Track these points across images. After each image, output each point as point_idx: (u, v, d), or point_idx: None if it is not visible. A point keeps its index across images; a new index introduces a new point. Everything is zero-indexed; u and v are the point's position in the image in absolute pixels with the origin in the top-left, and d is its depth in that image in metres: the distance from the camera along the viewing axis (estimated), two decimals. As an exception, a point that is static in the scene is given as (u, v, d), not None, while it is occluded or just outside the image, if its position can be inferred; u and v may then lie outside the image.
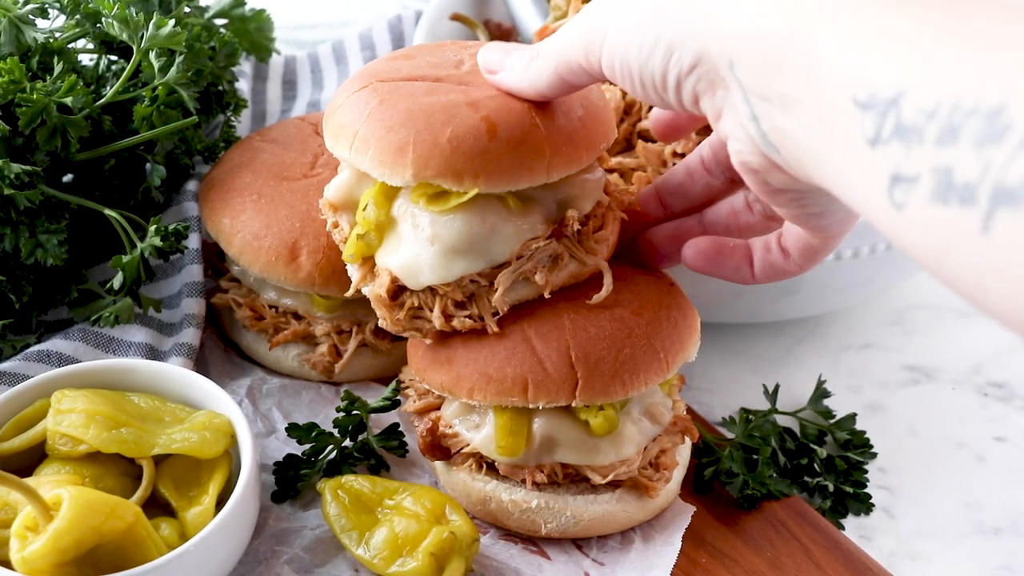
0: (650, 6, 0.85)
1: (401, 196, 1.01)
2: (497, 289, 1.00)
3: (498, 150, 0.94)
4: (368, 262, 1.03)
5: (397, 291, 1.01)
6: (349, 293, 1.06)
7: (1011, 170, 0.58)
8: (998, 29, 0.62)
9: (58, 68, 1.26)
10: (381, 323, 1.03)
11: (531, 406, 1.06)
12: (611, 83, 0.98)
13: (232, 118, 1.47)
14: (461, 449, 1.12)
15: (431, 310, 1.02)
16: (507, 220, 0.99)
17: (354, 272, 1.05)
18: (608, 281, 1.03)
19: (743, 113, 0.80)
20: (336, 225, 1.08)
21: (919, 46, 0.65)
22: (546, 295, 1.02)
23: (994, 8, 0.64)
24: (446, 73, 1.03)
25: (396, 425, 1.22)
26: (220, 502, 1.05)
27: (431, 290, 1.01)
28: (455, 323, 1.02)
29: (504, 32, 1.59)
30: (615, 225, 1.07)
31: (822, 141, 0.72)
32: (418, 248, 0.98)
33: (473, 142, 0.94)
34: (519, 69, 0.98)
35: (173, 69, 1.28)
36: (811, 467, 1.24)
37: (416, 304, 1.02)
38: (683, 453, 1.17)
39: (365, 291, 1.03)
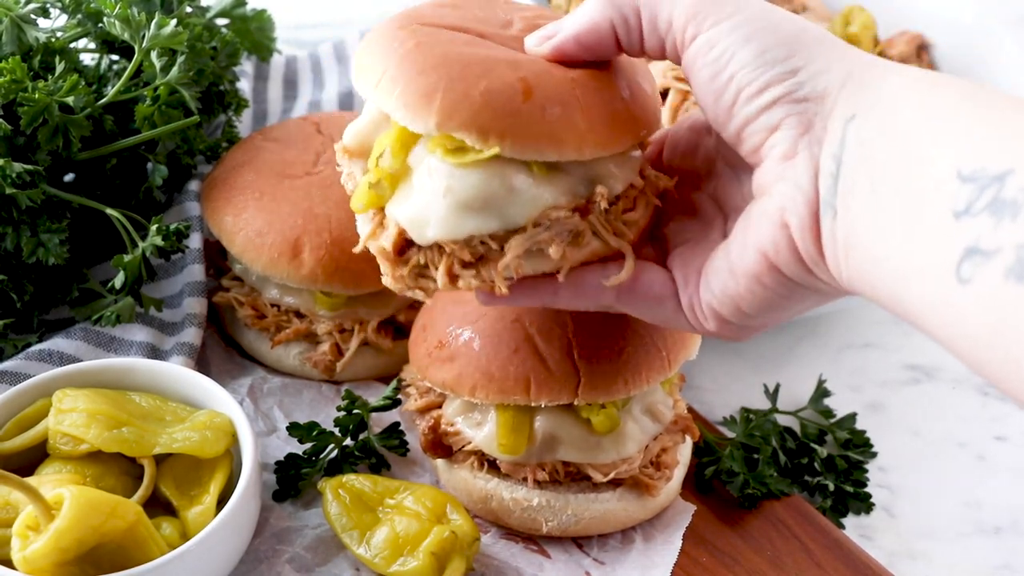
0: (796, 23, 0.82)
1: (419, 145, 0.94)
2: (507, 254, 0.91)
3: (530, 114, 0.87)
4: (379, 214, 0.95)
5: (404, 246, 0.93)
6: (358, 248, 0.97)
7: None
8: None
9: (60, 68, 1.26)
10: (383, 279, 0.95)
11: (533, 404, 1.07)
12: (667, 59, 0.90)
13: (233, 118, 1.47)
14: (462, 447, 1.12)
15: (436, 268, 0.93)
16: (528, 184, 0.91)
17: (364, 225, 0.97)
18: (630, 264, 0.93)
19: (826, 169, 0.78)
20: (349, 173, 1.00)
21: None
22: (561, 277, 0.93)
23: None
24: (492, 31, 0.96)
25: (397, 424, 1.22)
26: (221, 501, 1.05)
27: (438, 247, 0.92)
28: (460, 283, 0.92)
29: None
30: (646, 211, 0.97)
31: (899, 208, 0.71)
32: (429, 200, 0.91)
33: (506, 101, 0.87)
34: (581, 11, 0.90)
35: (175, 69, 1.28)
36: (811, 466, 1.24)
37: (422, 262, 0.93)
38: (684, 452, 1.18)
39: (372, 247, 0.95)
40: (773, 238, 0.81)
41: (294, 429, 1.19)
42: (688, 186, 0.98)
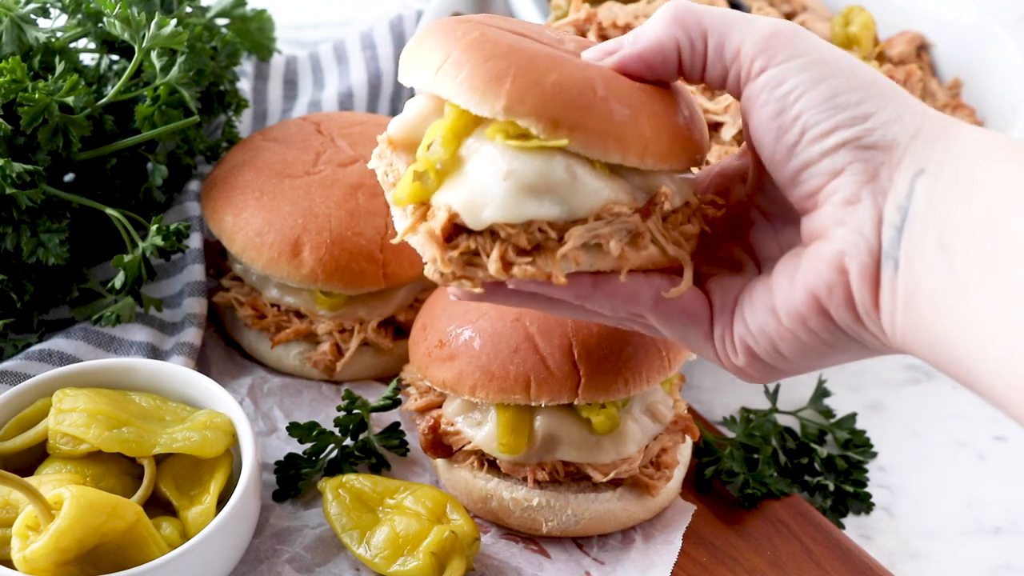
0: (869, 71, 0.80)
1: (474, 135, 0.89)
2: (567, 242, 0.87)
3: (601, 111, 0.85)
4: (420, 208, 0.90)
5: (452, 233, 0.87)
6: (396, 240, 0.92)
7: None
8: None
9: (60, 67, 1.26)
10: (428, 269, 0.88)
11: (533, 404, 1.07)
12: (725, 90, 0.88)
13: (233, 118, 1.47)
14: (462, 447, 1.12)
15: (488, 256, 0.87)
16: (592, 176, 0.87)
17: (402, 218, 0.91)
18: (688, 275, 0.91)
19: (889, 220, 0.76)
20: (390, 165, 0.95)
21: None
22: (622, 277, 0.88)
23: None
24: (548, 42, 0.93)
25: (397, 424, 1.22)
26: (221, 501, 1.05)
27: (491, 234, 0.87)
28: (515, 270, 0.87)
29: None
30: (699, 229, 0.95)
31: (972, 269, 0.69)
32: (487, 183, 0.86)
33: (578, 94, 0.85)
34: (654, 20, 0.88)
35: (175, 69, 1.28)
36: (811, 466, 1.24)
37: (472, 248, 0.87)
38: (684, 452, 1.18)
39: (412, 241, 0.89)
40: (828, 281, 0.79)
41: (294, 429, 1.19)
42: (718, 232, 0.96)
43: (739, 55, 0.84)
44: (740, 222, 0.94)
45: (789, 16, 1.53)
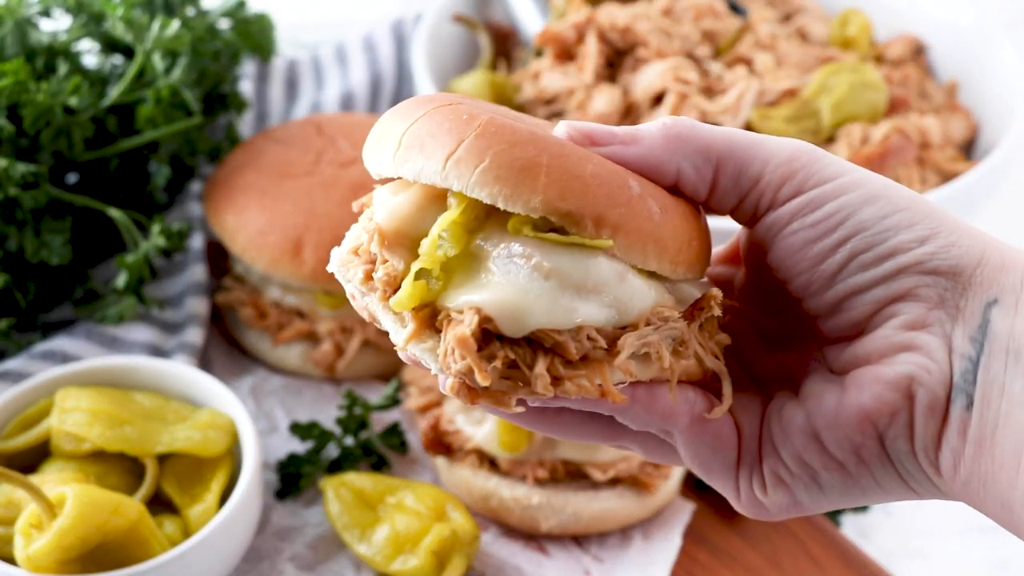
0: (908, 190, 0.74)
1: (486, 231, 0.77)
2: (620, 352, 0.75)
3: (640, 210, 0.75)
4: (423, 312, 0.76)
5: (483, 340, 0.73)
6: (400, 349, 0.77)
7: None
8: None
9: (63, 69, 1.26)
10: (448, 384, 0.73)
11: (532, 402, 1.08)
12: (732, 216, 0.79)
13: (235, 119, 1.47)
14: (463, 445, 1.13)
15: (530, 368, 0.74)
16: (636, 276, 0.76)
17: (394, 323, 0.77)
18: (728, 392, 0.80)
19: (961, 350, 0.70)
20: (384, 261, 0.78)
21: None
22: (671, 393, 0.77)
23: None
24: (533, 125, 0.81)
25: (398, 423, 1.23)
26: (223, 500, 1.06)
27: (529, 344, 0.74)
28: (568, 386, 0.74)
29: (504, 33, 1.60)
30: (729, 340, 0.84)
31: None
32: (523, 284, 0.74)
33: (617, 188, 0.74)
34: (653, 132, 0.77)
35: (177, 70, 1.29)
36: (810, 465, 1.25)
37: (510, 359, 0.74)
38: (682, 451, 1.18)
39: (417, 350, 0.75)
40: (892, 406, 0.71)
41: (295, 428, 1.20)
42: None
43: (759, 182, 0.77)
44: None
45: (787, 17, 1.54)
